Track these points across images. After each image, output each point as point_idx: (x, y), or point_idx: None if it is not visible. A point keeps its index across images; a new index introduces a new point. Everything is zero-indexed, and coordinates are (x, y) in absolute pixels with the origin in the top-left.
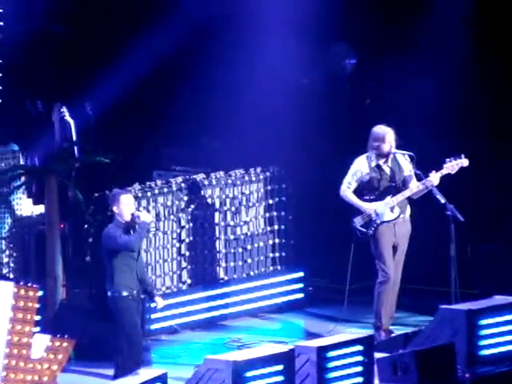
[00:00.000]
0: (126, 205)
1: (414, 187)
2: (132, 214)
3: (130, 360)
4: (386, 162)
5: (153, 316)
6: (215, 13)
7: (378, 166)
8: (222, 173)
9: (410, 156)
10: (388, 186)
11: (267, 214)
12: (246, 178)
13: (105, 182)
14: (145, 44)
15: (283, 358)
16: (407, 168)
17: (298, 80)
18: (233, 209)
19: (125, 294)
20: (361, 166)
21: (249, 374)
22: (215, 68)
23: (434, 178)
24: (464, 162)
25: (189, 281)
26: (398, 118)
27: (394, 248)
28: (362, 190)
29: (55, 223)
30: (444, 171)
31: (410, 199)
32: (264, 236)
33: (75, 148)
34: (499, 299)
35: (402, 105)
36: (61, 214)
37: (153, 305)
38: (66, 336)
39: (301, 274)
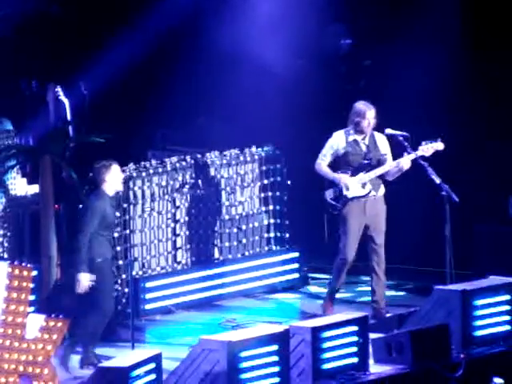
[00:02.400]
0: (118, 175)
1: (387, 166)
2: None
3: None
4: (363, 138)
5: (147, 296)
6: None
7: (355, 142)
8: (216, 153)
9: (404, 137)
10: (362, 162)
11: (262, 194)
12: (241, 158)
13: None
14: (140, 23)
15: (278, 339)
16: (384, 148)
17: (293, 60)
18: (228, 189)
19: (99, 260)
20: (338, 140)
21: (244, 354)
22: (210, 47)
23: (406, 159)
24: (439, 145)
25: (183, 261)
26: (392, 99)
27: (367, 227)
28: (338, 165)
29: (50, 203)
30: (419, 153)
31: (388, 181)
32: (259, 216)
33: (70, 128)
34: (494, 279)
35: (396, 86)
36: (55, 193)
37: None
38: (60, 316)
39: (296, 254)
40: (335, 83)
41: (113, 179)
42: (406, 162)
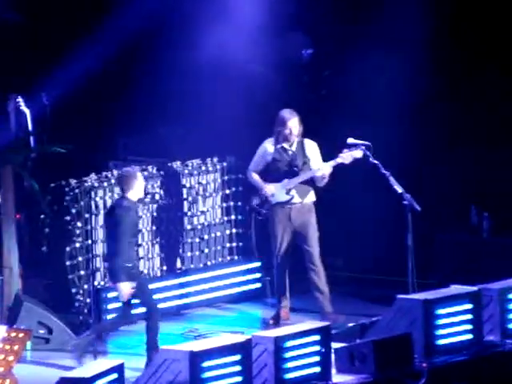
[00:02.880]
0: (142, 183)
1: (309, 173)
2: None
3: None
4: (291, 145)
5: (109, 306)
6: (167, 3)
7: (283, 149)
8: (178, 163)
9: (366, 146)
10: (288, 169)
11: (224, 204)
12: (203, 167)
13: (61, 172)
14: (101, 33)
15: (240, 348)
16: (312, 155)
17: (254, 69)
18: (190, 199)
19: (129, 265)
20: (266, 147)
21: (206, 364)
22: (171, 56)
23: (326, 166)
24: (357, 153)
25: (146, 271)
26: (353, 106)
27: (296, 235)
28: (267, 172)
29: (11, 213)
30: (338, 160)
31: (318, 187)
32: (221, 226)
33: (31, 138)
34: (456, 288)
35: (358, 94)
36: (17, 204)
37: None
38: (22, 327)
39: (257, 263)
40: (298, 92)
41: (139, 187)
42: (326, 168)
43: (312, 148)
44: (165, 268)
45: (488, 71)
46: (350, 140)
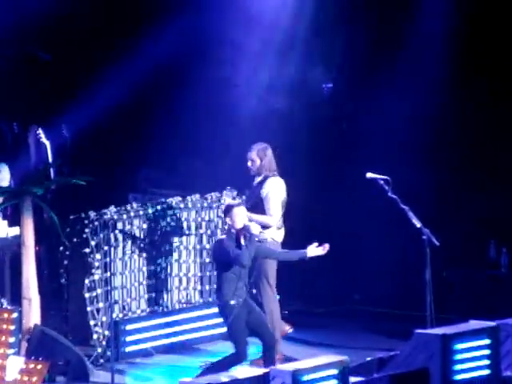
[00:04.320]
0: (239, 215)
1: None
2: (244, 225)
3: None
4: (258, 180)
5: (128, 339)
6: (186, 36)
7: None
8: (197, 196)
9: (385, 180)
10: (247, 205)
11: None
12: (222, 200)
13: (80, 204)
14: (124, 66)
15: (258, 382)
16: (264, 195)
17: (275, 104)
18: (208, 232)
19: (232, 302)
20: None
21: None
22: (194, 91)
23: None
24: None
25: (164, 304)
26: (374, 142)
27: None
28: None
29: (30, 245)
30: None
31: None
32: None
33: (51, 170)
34: (475, 324)
35: (378, 129)
36: (36, 236)
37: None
38: (40, 358)
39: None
40: (318, 127)
41: (234, 221)
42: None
43: (269, 187)
44: (183, 301)
45: (507, 108)
46: (369, 174)
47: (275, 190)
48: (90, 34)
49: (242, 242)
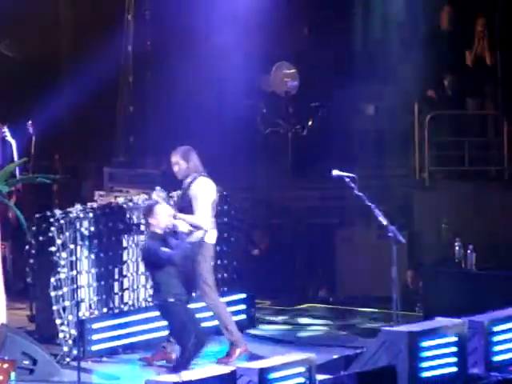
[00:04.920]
0: (161, 215)
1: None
2: (170, 223)
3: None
4: (184, 183)
5: (94, 337)
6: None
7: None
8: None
9: (351, 178)
10: (178, 206)
11: None
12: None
13: (46, 202)
14: (87, 62)
15: (225, 380)
16: (193, 197)
17: (241, 102)
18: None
19: (171, 300)
20: None
21: None
22: (160, 87)
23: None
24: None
25: (130, 302)
26: (341, 139)
27: None
28: None
29: None
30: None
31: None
32: None
33: (16, 168)
34: (441, 321)
35: (343, 126)
36: (2, 234)
37: None
38: (6, 357)
39: (243, 295)
40: (282, 125)
41: (157, 221)
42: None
43: (197, 189)
44: (150, 299)
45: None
46: (335, 172)
47: (204, 191)
48: (55, 29)
49: (172, 241)
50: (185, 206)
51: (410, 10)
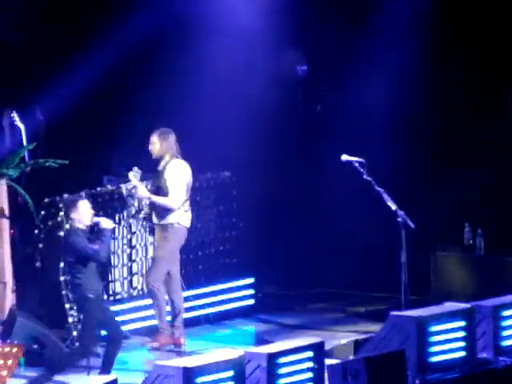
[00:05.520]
0: (85, 211)
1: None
2: (94, 220)
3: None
4: (159, 165)
5: None
6: (164, 20)
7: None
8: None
9: (360, 163)
10: (152, 188)
11: (218, 221)
12: (197, 184)
13: (55, 187)
14: (99, 48)
15: (234, 364)
16: (168, 178)
17: (249, 86)
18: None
19: (90, 296)
20: None
21: (199, 379)
22: (166, 75)
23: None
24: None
25: (139, 287)
26: (349, 123)
27: None
28: None
29: (5, 228)
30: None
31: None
32: (215, 242)
33: (25, 153)
34: (450, 306)
35: (352, 111)
36: (10, 219)
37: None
38: (15, 342)
39: (251, 280)
40: (292, 109)
41: (81, 217)
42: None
43: (171, 171)
44: None
45: (478, 90)
46: (344, 157)
47: (178, 172)
48: (64, 16)
49: (97, 237)
50: (159, 188)
51: None
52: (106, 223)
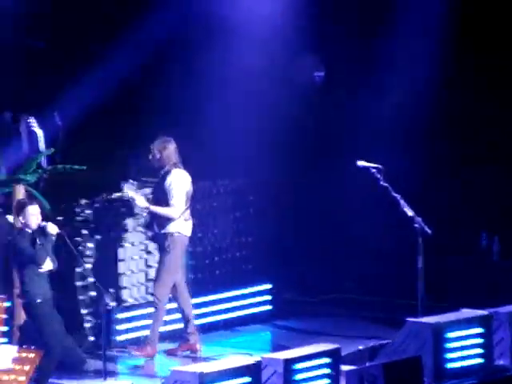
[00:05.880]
0: (32, 215)
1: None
2: (38, 225)
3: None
4: (160, 174)
5: (119, 327)
6: (181, 26)
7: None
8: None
9: (377, 168)
10: (153, 197)
11: (234, 226)
12: (214, 190)
13: (73, 192)
14: (116, 54)
15: (250, 370)
16: (167, 188)
17: (266, 92)
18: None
19: (38, 301)
20: None
21: None
22: (183, 81)
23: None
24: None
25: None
26: (366, 129)
27: None
28: None
29: None
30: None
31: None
32: (231, 248)
33: (43, 158)
34: (466, 312)
35: (369, 118)
36: None
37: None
38: (32, 347)
39: (268, 285)
40: (309, 115)
41: (27, 220)
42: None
43: (171, 181)
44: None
45: (497, 94)
46: (361, 163)
47: (178, 182)
48: (82, 21)
49: (38, 241)
50: (159, 197)
51: None
52: (50, 228)
